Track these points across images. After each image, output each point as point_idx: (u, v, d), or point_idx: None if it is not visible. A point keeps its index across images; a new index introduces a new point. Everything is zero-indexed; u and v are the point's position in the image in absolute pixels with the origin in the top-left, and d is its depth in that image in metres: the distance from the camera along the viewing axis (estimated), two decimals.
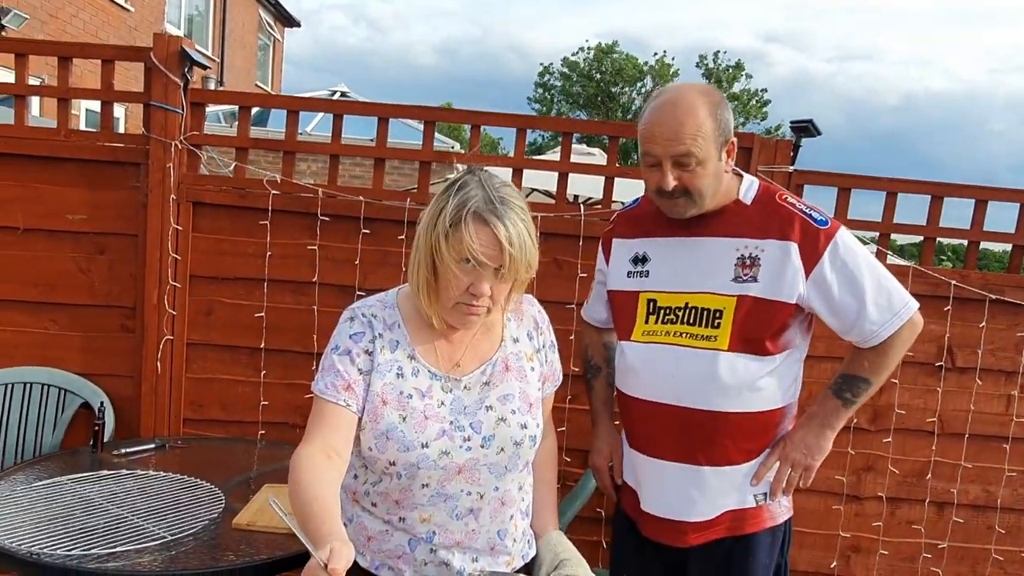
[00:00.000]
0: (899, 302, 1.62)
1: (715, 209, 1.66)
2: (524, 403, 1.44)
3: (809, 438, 1.69)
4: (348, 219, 2.63)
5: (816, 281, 1.59)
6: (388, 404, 1.37)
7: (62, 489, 1.92)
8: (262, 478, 2.10)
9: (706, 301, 1.64)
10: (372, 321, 1.42)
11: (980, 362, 2.63)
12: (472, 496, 1.40)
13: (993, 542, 2.69)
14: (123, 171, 2.64)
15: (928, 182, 2.61)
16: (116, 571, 1.56)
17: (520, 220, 1.32)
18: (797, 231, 1.60)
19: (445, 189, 1.36)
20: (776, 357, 1.63)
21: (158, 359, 2.64)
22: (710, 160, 1.56)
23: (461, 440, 1.38)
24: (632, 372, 1.72)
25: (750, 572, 1.69)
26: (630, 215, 1.86)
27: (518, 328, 1.51)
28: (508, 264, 1.31)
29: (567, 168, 2.64)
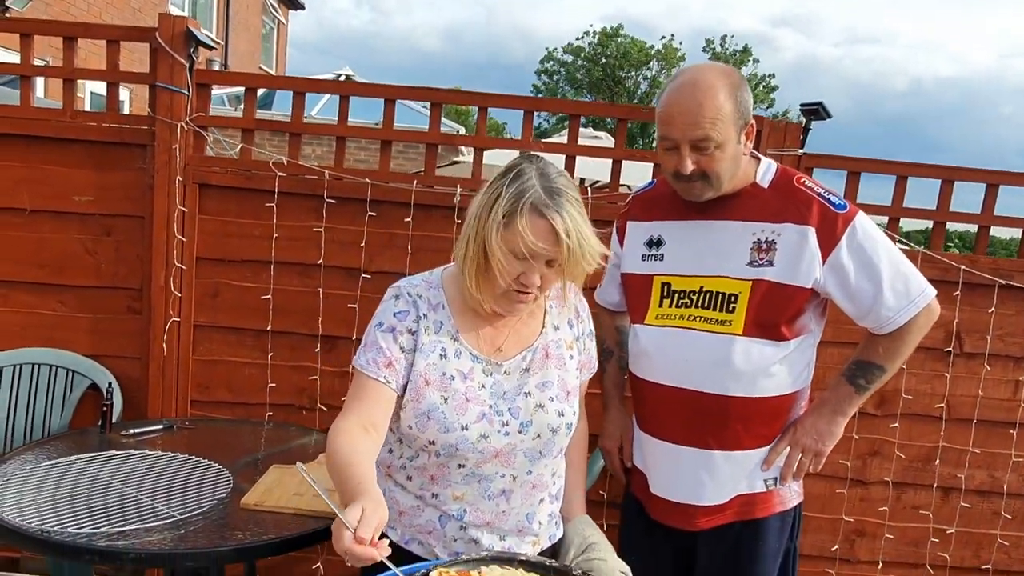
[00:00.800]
0: (916, 288, 1.60)
1: (732, 192, 1.64)
2: (562, 391, 1.45)
3: (820, 424, 1.68)
4: (354, 201, 2.62)
5: (833, 266, 1.58)
6: (431, 384, 1.38)
7: (71, 468, 1.93)
8: (269, 459, 2.11)
9: (721, 285, 1.63)
10: (417, 301, 1.43)
11: (989, 347, 2.62)
12: (506, 478, 1.42)
13: (999, 527, 2.69)
14: (129, 152, 2.64)
15: (938, 166, 2.58)
16: (125, 549, 1.56)
17: (577, 213, 1.31)
18: (815, 215, 1.58)
19: (501, 175, 1.35)
20: (791, 342, 1.62)
21: (164, 341, 2.65)
22: (729, 143, 1.54)
23: (500, 425, 1.39)
24: (645, 356, 1.71)
25: (759, 556, 1.69)
26: (645, 197, 1.84)
27: (559, 316, 1.52)
28: (566, 256, 1.30)
29: (574, 151, 2.62)
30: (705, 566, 1.72)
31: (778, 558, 1.72)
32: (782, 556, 1.73)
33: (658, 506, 1.74)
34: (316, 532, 1.72)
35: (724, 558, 1.70)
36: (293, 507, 1.80)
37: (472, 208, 1.39)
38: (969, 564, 2.71)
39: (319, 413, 2.69)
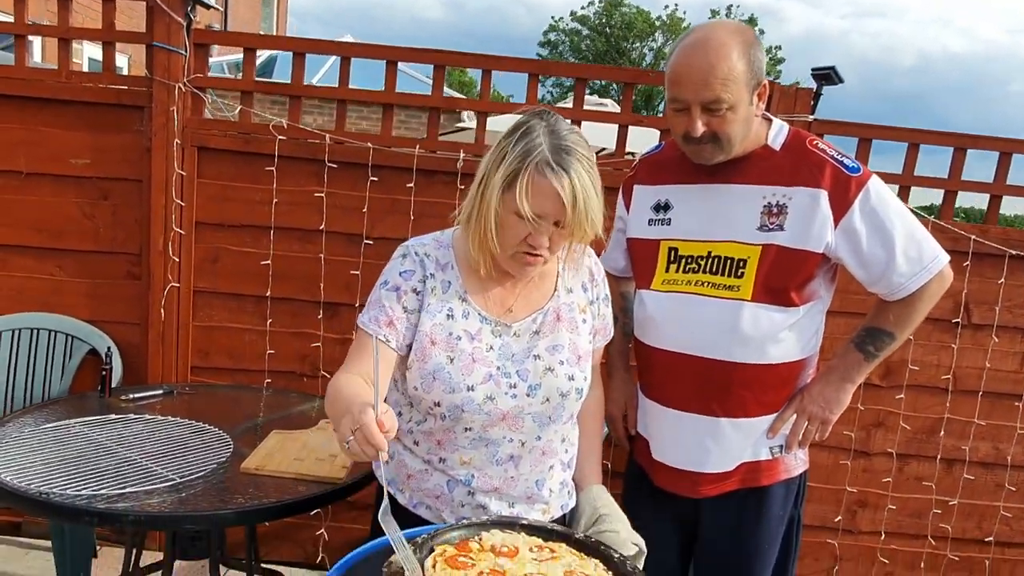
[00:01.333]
0: (929, 254, 1.56)
1: (742, 155, 1.59)
2: (573, 355, 1.41)
3: (828, 391, 1.66)
4: (356, 166, 2.58)
5: (845, 230, 1.54)
6: (436, 344, 1.35)
7: (70, 432, 1.92)
8: (270, 424, 2.10)
9: (730, 250, 1.60)
10: (424, 260, 1.40)
11: (997, 319, 2.59)
12: (514, 443, 1.39)
13: (1002, 499, 2.68)
14: (126, 114, 2.59)
15: (950, 133, 2.53)
16: (125, 511, 1.55)
17: (585, 172, 1.27)
18: (828, 178, 1.54)
19: (509, 132, 1.31)
20: (800, 309, 1.59)
21: (163, 306, 2.62)
22: (741, 105, 1.50)
23: (507, 387, 1.36)
24: (651, 321, 1.68)
25: (763, 524, 1.68)
26: (653, 160, 1.80)
27: (573, 279, 1.48)
28: (571, 217, 1.26)
29: (580, 116, 2.57)
30: (708, 533, 1.71)
31: (782, 525, 1.71)
32: (786, 523, 1.71)
33: (661, 473, 1.72)
34: (317, 497, 1.71)
35: (728, 525, 1.69)
36: (294, 472, 1.79)
37: (479, 169, 1.34)
38: (971, 535, 2.71)
39: (321, 380, 2.68)
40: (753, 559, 1.69)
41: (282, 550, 2.79)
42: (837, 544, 2.72)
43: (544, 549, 1.18)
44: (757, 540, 1.68)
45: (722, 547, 1.70)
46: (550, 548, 1.19)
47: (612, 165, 2.57)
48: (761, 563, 1.69)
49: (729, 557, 1.70)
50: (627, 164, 2.56)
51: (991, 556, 2.72)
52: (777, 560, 1.71)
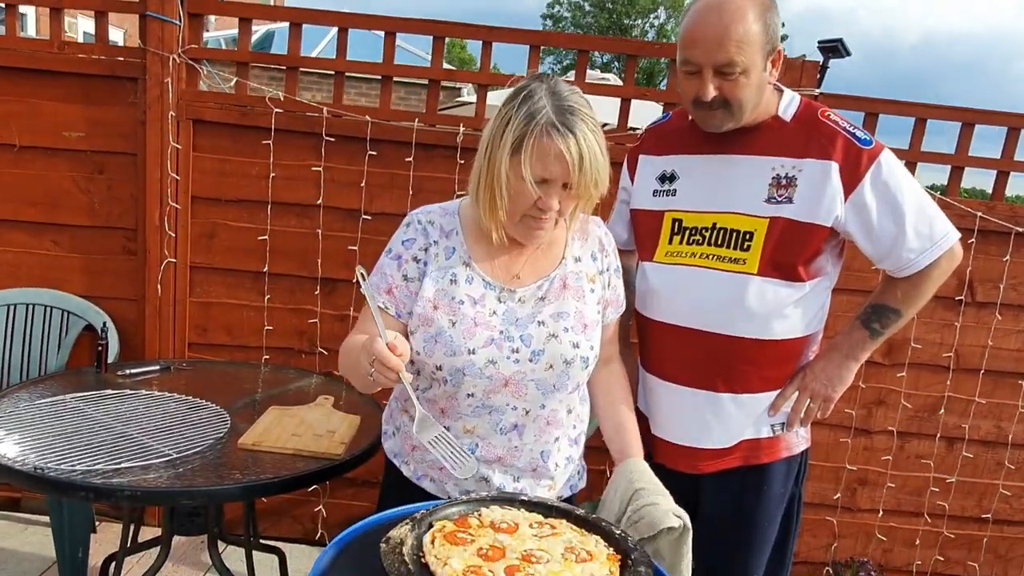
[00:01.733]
0: (940, 230, 1.53)
1: (752, 124, 1.56)
2: (579, 323, 1.40)
3: (830, 369, 1.63)
4: (354, 140, 2.54)
5: (855, 204, 1.50)
6: (439, 309, 1.35)
7: (66, 407, 1.90)
8: (267, 401, 2.08)
9: (736, 222, 1.56)
10: (428, 228, 1.41)
11: (1001, 297, 2.57)
12: (517, 411, 1.38)
13: (1002, 477, 2.68)
14: (120, 86, 2.54)
15: (958, 108, 2.49)
16: (121, 487, 1.54)
17: (590, 131, 1.26)
18: (839, 150, 1.50)
19: (511, 98, 1.30)
20: (806, 284, 1.56)
21: (160, 282, 2.60)
22: (754, 70, 1.46)
23: (509, 351, 1.35)
24: (653, 294, 1.65)
25: (763, 501, 1.66)
26: (659, 130, 1.76)
27: (582, 248, 1.47)
28: (578, 178, 1.26)
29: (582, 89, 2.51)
30: (709, 510, 1.70)
31: (783, 503, 1.69)
32: (786, 501, 1.70)
33: (661, 448, 1.71)
34: (315, 473, 1.70)
35: (728, 502, 1.67)
36: (292, 448, 1.77)
37: (484, 137, 1.33)
38: (969, 513, 2.71)
39: (319, 357, 2.66)
40: (753, 536, 1.67)
41: (281, 526, 2.79)
42: (836, 521, 2.72)
43: (544, 525, 1.17)
44: (757, 517, 1.67)
45: (722, 524, 1.69)
46: (550, 524, 1.17)
47: (615, 140, 2.53)
48: (761, 540, 1.68)
49: (729, 534, 1.68)
50: (630, 139, 2.52)
51: (989, 534, 2.72)
52: (777, 538, 1.70)
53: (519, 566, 1.04)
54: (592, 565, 1.06)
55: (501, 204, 1.30)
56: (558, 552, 1.09)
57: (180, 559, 2.62)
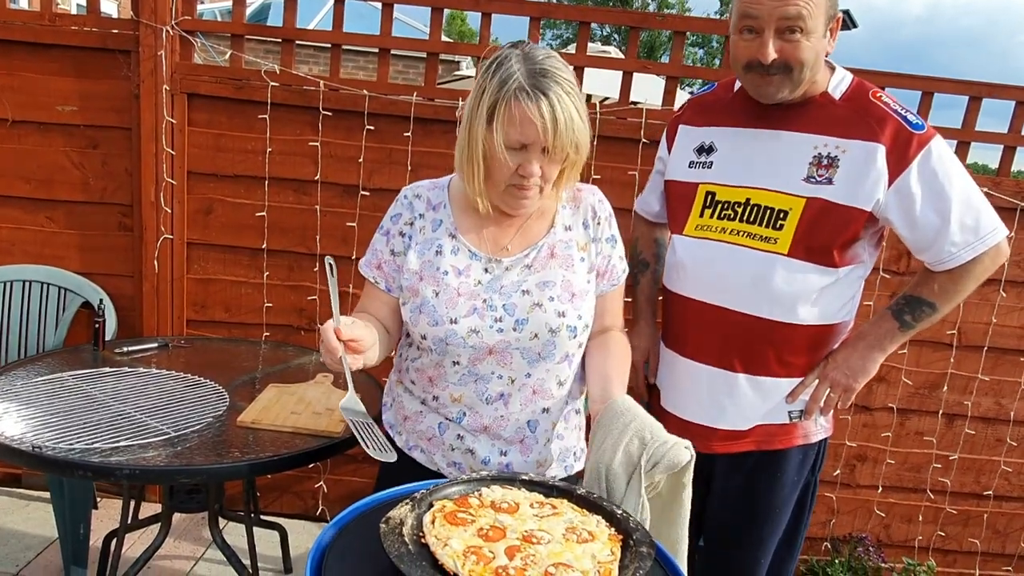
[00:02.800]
0: (987, 225, 1.46)
1: (799, 100, 1.50)
2: (566, 292, 1.37)
3: (854, 359, 1.57)
4: (351, 114, 2.50)
5: (899, 190, 1.44)
6: (424, 280, 1.37)
7: (63, 385, 1.89)
8: (266, 378, 2.07)
9: (771, 200, 1.51)
10: (414, 202, 1.43)
11: (1005, 274, 2.54)
12: (503, 380, 1.37)
13: (1003, 454, 2.68)
14: (113, 59, 2.50)
15: (965, 81, 2.45)
16: (119, 465, 1.53)
17: (566, 93, 1.24)
18: (888, 133, 1.44)
19: (486, 67, 1.28)
20: (839, 270, 1.51)
21: (156, 259, 2.58)
22: (816, 32, 1.40)
23: (492, 320, 1.34)
24: (680, 268, 1.62)
25: (777, 488, 1.63)
26: (702, 101, 1.71)
27: (572, 216, 1.44)
28: (553, 142, 1.24)
29: (583, 62, 2.48)
30: (720, 491, 1.68)
31: (796, 491, 1.65)
32: (800, 489, 1.66)
33: (672, 424, 1.68)
34: (314, 451, 1.69)
35: (740, 485, 1.65)
36: (291, 426, 1.76)
37: (464, 111, 1.33)
38: (969, 489, 2.72)
39: (318, 334, 2.64)
40: (764, 521, 1.65)
41: (282, 503, 2.80)
42: (835, 497, 2.72)
43: (545, 505, 1.15)
44: (769, 503, 1.64)
45: (733, 506, 1.67)
46: (551, 504, 1.16)
47: (616, 114, 2.50)
48: (772, 525, 1.66)
49: (740, 517, 1.67)
50: (632, 112, 2.49)
51: (989, 510, 2.73)
52: (789, 523, 1.68)
53: (520, 546, 1.03)
54: (594, 545, 1.05)
55: (482, 174, 1.30)
56: (559, 532, 1.07)
57: (182, 535, 2.63)
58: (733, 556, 1.71)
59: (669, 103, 2.53)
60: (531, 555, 1.01)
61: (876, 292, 2.49)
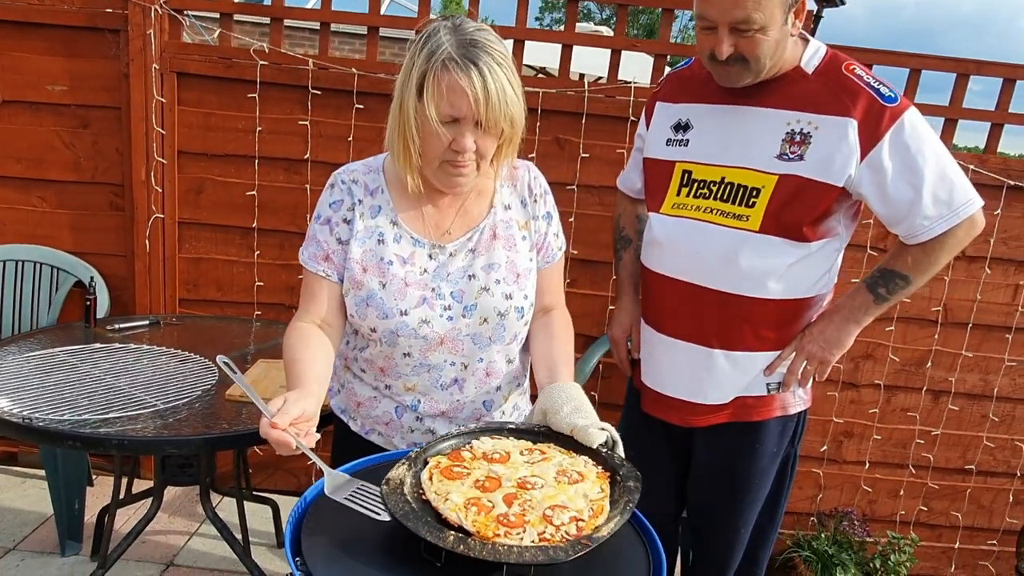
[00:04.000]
0: (961, 197, 1.46)
1: (773, 76, 1.50)
2: (511, 273, 1.36)
3: (829, 331, 1.59)
4: (341, 93, 2.51)
5: (871, 165, 1.44)
6: (368, 271, 1.32)
7: (55, 360, 1.91)
8: (257, 355, 2.09)
9: (744, 177, 1.52)
10: (352, 187, 1.35)
11: (991, 251, 2.56)
12: (456, 367, 1.36)
13: (986, 430, 2.71)
14: (102, 38, 2.50)
15: (953, 59, 2.46)
16: (109, 436, 1.55)
17: (497, 65, 1.20)
18: (861, 107, 1.43)
19: (416, 41, 1.23)
20: (812, 244, 1.51)
21: (148, 238, 2.59)
22: (773, 25, 1.40)
23: (441, 309, 1.33)
24: (657, 245, 1.63)
25: (755, 458, 1.65)
26: (679, 76, 1.71)
27: (511, 195, 1.42)
28: (486, 114, 1.20)
29: (571, 40, 2.48)
30: (701, 464, 1.71)
31: (776, 462, 1.68)
32: (780, 460, 1.68)
33: (652, 399, 1.71)
34: None
35: (719, 457, 1.67)
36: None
37: (396, 86, 1.27)
38: (953, 465, 2.75)
39: None
40: (744, 492, 1.68)
41: (275, 479, 2.83)
42: (822, 473, 2.76)
43: (534, 451, 1.19)
44: (749, 474, 1.67)
45: (714, 479, 1.70)
46: (540, 450, 1.20)
47: (604, 92, 2.50)
48: (752, 496, 1.69)
49: (721, 489, 1.69)
50: (620, 91, 2.49)
51: (972, 485, 2.76)
52: (769, 494, 1.70)
53: (516, 493, 1.07)
54: (584, 485, 1.10)
55: (415, 151, 1.25)
56: (551, 476, 1.12)
57: (175, 511, 2.67)
58: (715, 527, 1.74)
59: (658, 82, 2.53)
60: (528, 500, 1.06)
61: (863, 270, 2.51)
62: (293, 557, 1.00)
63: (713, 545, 1.76)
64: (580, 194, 2.54)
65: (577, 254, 2.55)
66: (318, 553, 1.00)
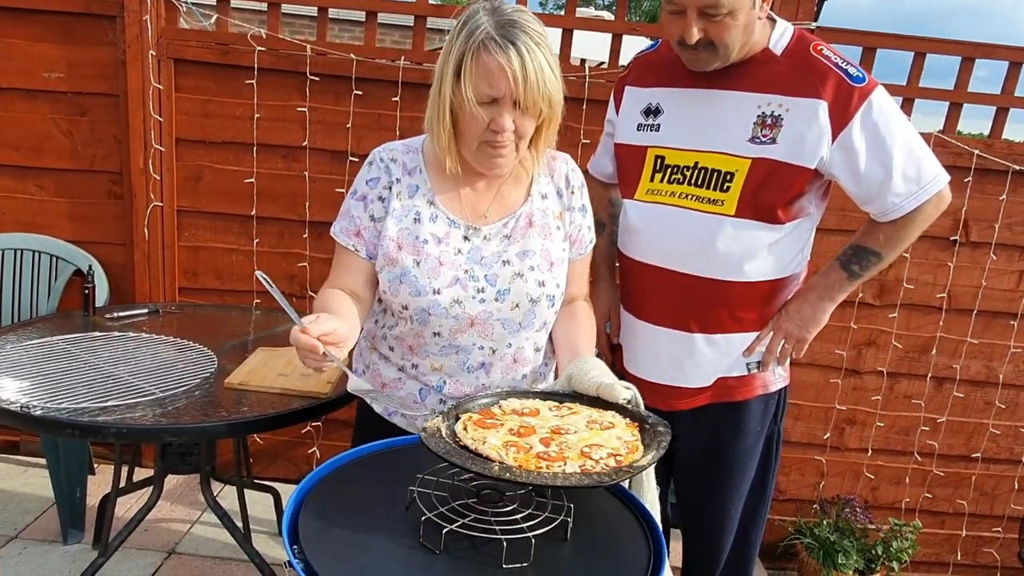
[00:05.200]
0: (928, 173, 1.47)
1: (741, 59, 1.49)
2: (545, 261, 1.38)
3: (805, 309, 1.60)
4: (339, 79, 2.49)
5: (843, 145, 1.44)
6: (403, 249, 1.33)
7: (53, 348, 1.90)
8: (256, 343, 2.08)
9: (717, 162, 1.52)
10: (391, 166, 1.38)
11: (996, 237, 2.54)
12: (484, 351, 1.38)
13: (991, 417, 2.70)
14: (98, 25, 2.48)
15: (958, 42, 2.42)
16: (107, 424, 1.54)
17: (536, 45, 1.21)
18: (830, 88, 1.43)
19: (456, 24, 1.26)
20: (785, 226, 1.52)
21: (146, 226, 2.58)
22: (741, 10, 1.39)
23: (475, 291, 1.34)
24: (632, 232, 1.63)
25: (739, 438, 1.66)
26: (647, 60, 1.70)
27: (548, 185, 1.43)
28: (524, 94, 1.21)
29: (572, 24, 2.46)
30: (686, 447, 1.70)
31: (760, 440, 1.68)
32: (765, 438, 1.69)
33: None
34: (301, 411, 1.71)
35: (704, 439, 1.67)
36: (279, 387, 1.78)
37: (436, 69, 1.30)
38: (957, 452, 2.74)
39: (309, 300, 2.66)
40: (730, 472, 1.68)
41: (276, 468, 2.83)
42: (824, 460, 2.75)
43: (563, 408, 1.22)
44: (734, 453, 1.67)
45: (699, 460, 1.69)
46: (568, 407, 1.23)
47: (605, 77, 2.48)
48: (739, 476, 1.68)
49: (707, 470, 1.69)
50: None
51: (977, 472, 2.75)
52: (756, 474, 1.70)
53: (551, 438, 1.10)
54: (616, 431, 1.14)
55: (451, 132, 1.28)
56: (582, 424, 1.16)
57: (177, 499, 2.67)
58: (704, 507, 1.74)
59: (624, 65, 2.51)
60: (564, 442, 1.09)
61: None
62: (290, 545, 0.99)
63: (706, 527, 1.76)
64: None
65: None
66: (315, 542, 0.99)
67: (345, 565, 0.96)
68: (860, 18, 58.48)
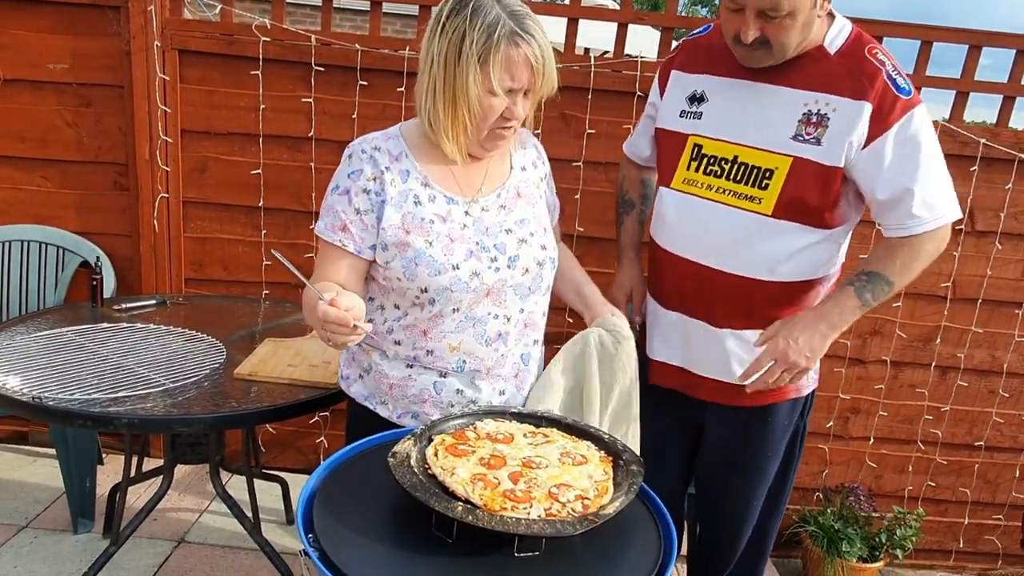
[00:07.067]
0: (946, 202, 1.45)
1: (794, 55, 1.47)
2: (539, 227, 1.46)
3: (815, 341, 1.47)
4: (344, 70, 2.48)
5: (874, 150, 1.42)
6: (412, 232, 1.34)
7: (62, 340, 1.91)
8: (264, 333, 2.09)
9: (758, 158, 1.49)
10: (375, 155, 1.37)
11: (1002, 226, 2.54)
12: (499, 320, 1.41)
13: (995, 405, 2.70)
14: (103, 16, 2.48)
15: (965, 30, 2.41)
16: (118, 415, 1.56)
17: (543, 34, 1.30)
18: (876, 92, 1.41)
19: (456, 10, 1.27)
20: (824, 231, 1.49)
21: (154, 217, 2.58)
22: (801, 11, 1.37)
23: (488, 261, 1.37)
24: (665, 221, 1.62)
25: (767, 435, 1.66)
26: (696, 44, 1.67)
27: (523, 157, 1.51)
28: (541, 81, 1.30)
29: (576, 13, 2.45)
30: (712, 438, 1.71)
31: (786, 435, 1.68)
32: (791, 432, 1.69)
33: (659, 370, 1.71)
34: (310, 401, 1.72)
35: (731, 434, 1.67)
36: (288, 378, 1.79)
37: (430, 55, 1.30)
38: (961, 440, 2.75)
39: None
40: (756, 466, 1.69)
41: (284, 458, 2.85)
42: (828, 449, 2.76)
43: (537, 435, 1.21)
44: (761, 450, 1.67)
45: (725, 453, 1.70)
46: (543, 433, 1.22)
47: (611, 67, 2.47)
48: (765, 470, 1.70)
49: (732, 463, 1.70)
50: (627, 66, 2.46)
51: (980, 460, 2.76)
52: (779, 467, 1.71)
53: (521, 472, 1.08)
54: (588, 467, 1.12)
55: (470, 121, 1.31)
56: (555, 457, 1.14)
57: (186, 489, 2.69)
58: (727, 499, 1.75)
59: (665, 55, 2.50)
60: (533, 479, 1.07)
61: None
62: (306, 534, 1.01)
63: (725, 518, 1.77)
64: (586, 171, 2.52)
65: (583, 231, 2.54)
66: (329, 531, 1.00)
67: (360, 553, 0.97)
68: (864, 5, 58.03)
